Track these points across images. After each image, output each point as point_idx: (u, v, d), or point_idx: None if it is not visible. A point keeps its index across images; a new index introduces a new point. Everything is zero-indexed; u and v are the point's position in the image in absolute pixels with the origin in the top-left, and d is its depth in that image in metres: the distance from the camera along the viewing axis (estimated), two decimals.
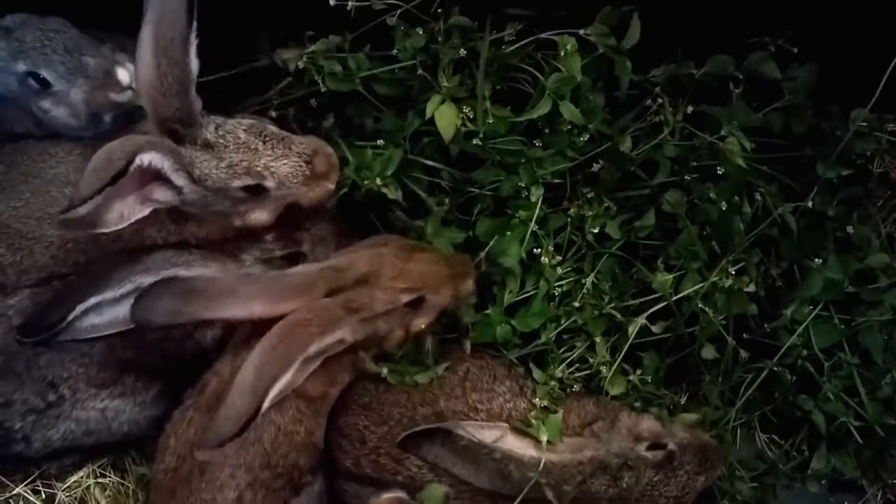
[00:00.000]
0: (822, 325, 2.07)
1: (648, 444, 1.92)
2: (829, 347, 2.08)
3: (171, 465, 1.87)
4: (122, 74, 1.99)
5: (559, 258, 2.02)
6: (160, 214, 1.92)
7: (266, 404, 1.63)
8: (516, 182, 1.97)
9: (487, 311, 2.01)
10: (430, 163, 2.06)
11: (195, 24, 1.79)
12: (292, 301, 1.77)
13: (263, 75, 2.12)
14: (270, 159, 1.88)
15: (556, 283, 2.01)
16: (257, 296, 1.76)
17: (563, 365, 2.01)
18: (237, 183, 1.88)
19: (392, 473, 1.94)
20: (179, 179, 1.82)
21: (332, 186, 1.98)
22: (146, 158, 1.71)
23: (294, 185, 1.92)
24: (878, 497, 2.19)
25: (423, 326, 1.94)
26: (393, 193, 2.04)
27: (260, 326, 1.77)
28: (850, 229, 2.12)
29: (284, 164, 1.90)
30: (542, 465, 1.83)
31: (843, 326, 2.08)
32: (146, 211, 1.81)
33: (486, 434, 1.84)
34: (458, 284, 1.95)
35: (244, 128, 1.89)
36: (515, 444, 1.86)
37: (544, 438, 1.86)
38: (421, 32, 2.02)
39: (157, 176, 1.78)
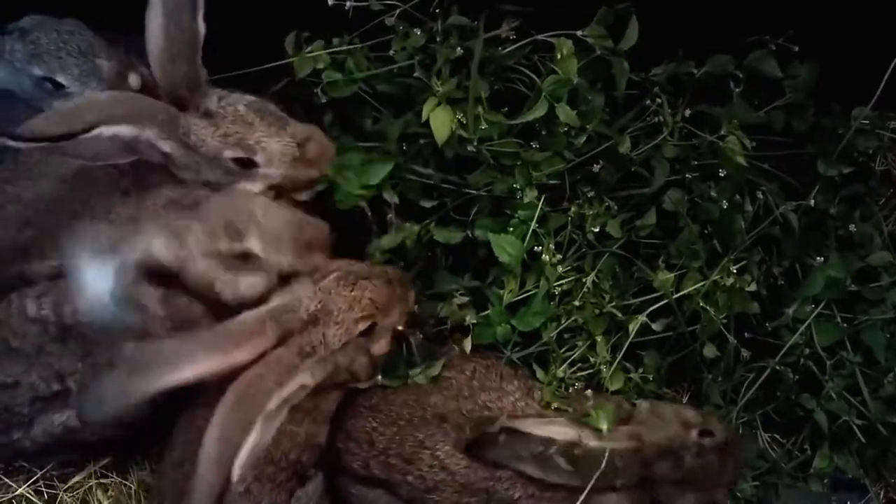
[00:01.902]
0: (824, 323, 2.06)
1: (699, 430, 1.92)
2: (832, 346, 2.07)
3: (177, 459, 1.87)
4: (133, 78, 2.04)
5: (559, 257, 2.02)
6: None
7: (236, 474, 1.58)
8: (511, 183, 1.97)
9: (487, 312, 2.01)
10: (422, 170, 2.06)
11: None
12: (244, 348, 1.70)
13: (262, 75, 2.11)
14: (263, 135, 1.93)
15: (557, 283, 2.00)
16: (206, 350, 1.68)
17: (565, 365, 2.00)
18: (228, 153, 1.92)
19: (402, 474, 1.93)
20: (167, 146, 1.88)
21: (316, 174, 2.01)
22: (110, 131, 1.76)
23: (283, 164, 1.96)
24: (881, 496, 2.17)
25: (384, 350, 1.94)
26: (389, 198, 2.06)
27: None
28: (852, 227, 2.11)
29: (276, 142, 1.94)
30: (607, 453, 1.82)
31: (845, 325, 2.07)
32: (130, 158, 1.87)
33: (546, 429, 1.83)
34: (403, 303, 1.95)
35: (245, 102, 1.94)
36: (574, 435, 1.84)
37: (604, 427, 1.85)
38: (419, 33, 2.02)
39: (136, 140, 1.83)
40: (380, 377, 1.98)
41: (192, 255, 1.83)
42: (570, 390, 2.02)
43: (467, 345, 2.02)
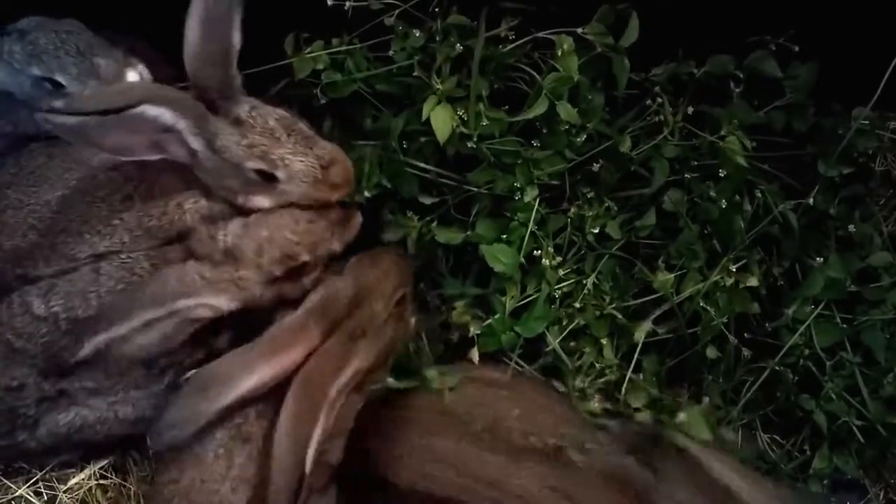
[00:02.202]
0: (824, 324, 2.06)
1: None
2: (831, 346, 2.06)
3: (174, 477, 1.85)
4: (132, 76, 2.04)
5: (559, 259, 2.01)
6: (192, 184, 1.99)
7: (310, 460, 1.67)
8: (511, 182, 1.97)
9: (489, 322, 2.00)
10: (422, 165, 2.05)
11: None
12: (295, 348, 1.78)
13: (261, 76, 2.11)
14: (288, 152, 1.91)
15: (557, 286, 2.00)
16: (259, 359, 1.76)
17: (582, 375, 2.00)
18: (251, 164, 1.91)
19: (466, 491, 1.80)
20: (196, 143, 1.87)
21: (335, 198, 2.00)
22: (153, 112, 1.77)
23: (303, 184, 1.95)
24: (881, 496, 2.17)
25: (413, 318, 2.01)
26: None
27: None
28: (851, 228, 2.11)
29: (300, 162, 1.92)
30: None
31: (845, 325, 2.06)
32: (154, 157, 1.88)
33: None
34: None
35: (276, 117, 1.93)
36: None
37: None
38: (418, 34, 2.02)
39: (170, 130, 1.83)
40: (390, 379, 1.98)
41: (254, 295, 1.94)
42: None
43: (474, 355, 2.01)
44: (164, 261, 1.97)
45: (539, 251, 2.00)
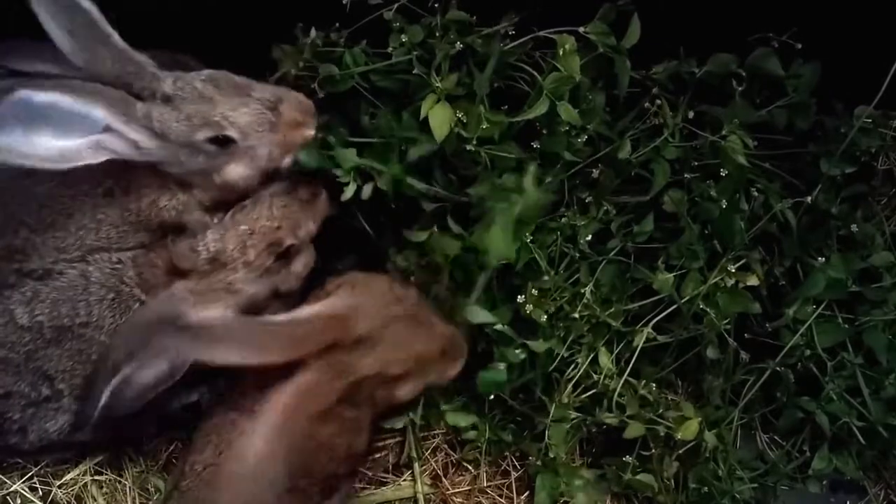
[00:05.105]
0: (825, 324, 2.04)
1: None
2: (832, 347, 2.04)
3: (210, 461, 1.83)
4: None
5: (552, 272, 2.00)
6: (167, 181, 1.94)
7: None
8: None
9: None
10: (420, 184, 2.02)
11: None
12: (303, 348, 1.74)
13: (257, 71, 2.09)
14: (227, 108, 1.84)
15: (552, 299, 1.99)
16: (271, 344, 1.73)
17: (570, 386, 2.00)
18: (199, 135, 1.84)
19: None
20: (132, 133, 1.79)
21: (311, 132, 1.94)
22: (39, 98, 1.66)
23: (260, 133, 1.88)
24: (881, 497, 2.17)
25: (404, 399, 1.92)
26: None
27: None
28: (853, 227, 2.09)
29: (244, 113, 1.85)
30: None
31: (846, 326, 2.04)
32: (100, 158, 1.78)
33: None
34: (446, 367, 1.95)
35: (202, 78, 1.86)
36: None
37: None
38: (417, 29, 1.99)
39: (109, 129, 1.76)
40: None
41: (249, 296, 1.93)
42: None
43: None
44: (150, 268, 1.94)
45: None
